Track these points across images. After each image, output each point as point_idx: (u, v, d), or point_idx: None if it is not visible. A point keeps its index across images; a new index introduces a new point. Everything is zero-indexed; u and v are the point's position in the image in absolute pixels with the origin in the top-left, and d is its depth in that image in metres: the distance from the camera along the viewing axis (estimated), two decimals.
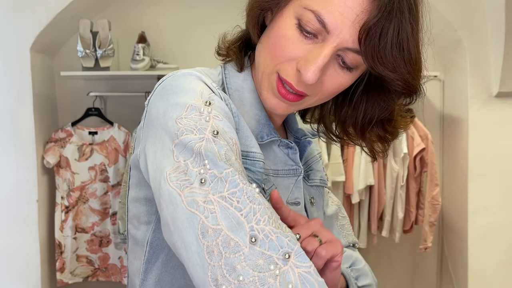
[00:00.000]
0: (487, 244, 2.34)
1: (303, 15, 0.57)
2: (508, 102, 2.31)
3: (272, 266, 0.47)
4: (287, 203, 0.68)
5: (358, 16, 0.55)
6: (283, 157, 0.68)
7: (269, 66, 0.61)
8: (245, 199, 0.51)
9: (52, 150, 2.30)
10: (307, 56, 0.58)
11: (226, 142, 0.55)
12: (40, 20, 2.18)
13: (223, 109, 0.59)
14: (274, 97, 0.62)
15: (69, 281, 2.37)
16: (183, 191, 0.51)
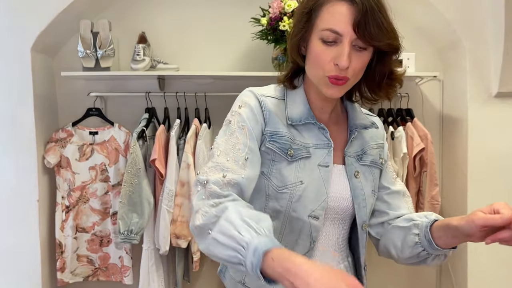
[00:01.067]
0: None
1: (323, 34, 0.93)
2: (507, 102, 2.32)
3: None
4: (319, 165, 0.99)
5: (350, 20, 0.90)
6: (319, 135, 1.02)
7: (319, 73, 0.97)
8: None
9: (53, 150, 2.31)
10: (337, 54, 0.92)
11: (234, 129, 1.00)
12: (41, 21, 2.18)
13: (251, 109, 1.02)
14: (330, 88, 0.97)
15: (70, 281, 2.37)
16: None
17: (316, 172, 0.98)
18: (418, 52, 2.46)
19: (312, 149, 1.00)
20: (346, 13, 0.90)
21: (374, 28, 0.90)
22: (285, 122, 1.00)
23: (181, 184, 2.20)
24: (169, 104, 2.38)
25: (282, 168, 0.97)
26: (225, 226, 0.79)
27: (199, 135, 2.24)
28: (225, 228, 0.79)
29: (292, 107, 1.02)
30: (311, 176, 0.97)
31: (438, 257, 1.04)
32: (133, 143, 2.15)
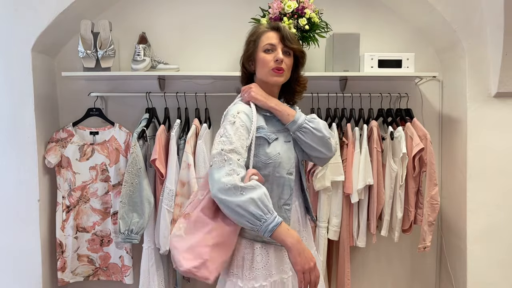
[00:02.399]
0: (486, 244, 2.35)
1: (264, 48, 1.56)
2: (506, 102, 2.32)
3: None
4: (284, 142, 1.56)
5: (278, 37, 1.56)
6: (276, 123, 1.59)
7: (265, 70, 1.56)
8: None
9: (53, 150, 2.32)
10: (275, 55, 1.54)
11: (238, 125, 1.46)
12: (42, 21, 2.19)
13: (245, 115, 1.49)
14: (274, 76, 1.55)
15: (70, 280, 2.38)
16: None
17: (284, 146, 1.55)
18: (417, 53, 2.47)
19: (277, 132, 1.56)
20: (275, 35, 1.56)
21: (289, 41, 1.55)
22: (262, 117, 1.56)
23: (182, 184, 2.20)
24: (169, 104, 2.39)
25: (266, 148, 1.51)
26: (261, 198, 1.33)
27: (199, 135, 2.25)
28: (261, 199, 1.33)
29: (258, 109, 1.57)
30: (282, 148, 1.54)
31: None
32: (134, 143, 2.16)
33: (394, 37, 2.58)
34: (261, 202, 1.32)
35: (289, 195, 1.52)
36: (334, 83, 2.56)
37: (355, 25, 2.54)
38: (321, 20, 2.31)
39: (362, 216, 2.36)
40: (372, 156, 2.32)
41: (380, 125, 2.46)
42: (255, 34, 1.59)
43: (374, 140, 2.32)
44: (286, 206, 1.52)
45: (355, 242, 2.39)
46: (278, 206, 1.50)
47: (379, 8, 2.57)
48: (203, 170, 2.23)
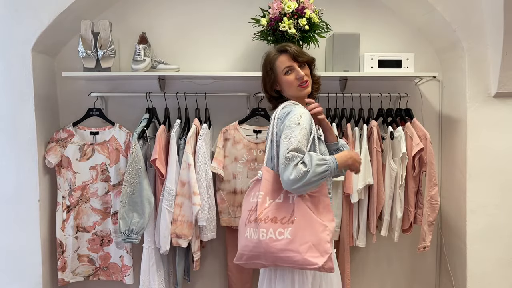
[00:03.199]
0: (486, 243, 2.35)
1: (284, 71, 1.79)
2: (506, 102, 2.33)
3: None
4: (323, 142, 1.81)
5: (290, 58, 1.79)
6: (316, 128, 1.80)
7: (293, 88, 1.79)
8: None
9: (54, 150, 2.32)
10: (295, 74, 1.78)
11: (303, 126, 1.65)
12: (42, 21, 2.19)
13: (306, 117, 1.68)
14: (303, 90, 1.79)
15: (70, 280, 2.38)
16: None
17: (323, 146, 1.79)
18: (417, 53, 2.47)
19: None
20: (286, 57, 1.78)
21: (300, 56, 1.77)
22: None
23: (182, 183, 2.20)
24: (169, 104, 2.39)
25: (320, 146, 1.75)
26: (317, 157, 1.58)
27: (200, 135, 2.25)
28: (318, 157, 1.58)
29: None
30: (324, 148, 1.78)
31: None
32: (134, 143, 2.16)
33: (394, 37, 2.59)
34: (318, 160, 1.56)
35: (330, 185, 1.78)
36: (334, 83, 2.56)
37: (355, 25, 2.55)
38: (321, 20, 2.31)
39: (362, 216, 2.36)
40: (372, 156, 2.32)
41: (380, 125, 2.47)
42: (269, 63, 1.81)
43: (374, 140, 2.32)
44: (329, 194, 1.73)
45: (355, 242, 2.39)
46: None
47: (379, 8, 2.57)
48: (203, 170, 2.23)
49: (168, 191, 2.19)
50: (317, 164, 1.54)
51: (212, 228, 2.28)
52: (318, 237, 1.56)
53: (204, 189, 2.22)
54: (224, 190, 2.35)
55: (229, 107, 2.54)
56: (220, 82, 2.52)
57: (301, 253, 1.54)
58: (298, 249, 1.55)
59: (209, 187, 2.26)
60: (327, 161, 1.58)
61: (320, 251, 1.55)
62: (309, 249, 1.55)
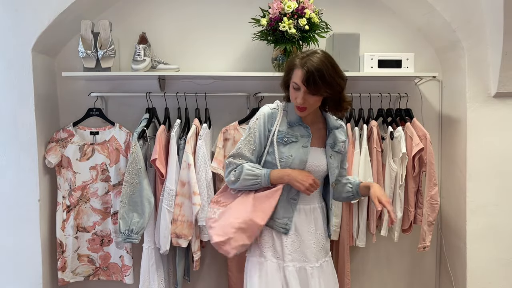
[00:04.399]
0: (486, 243, 2.35)
1: (292, 84, 1.65)
2: (506, 102, 2.33)
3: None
4: (302, 147, 1.71)
5: (302, 79, 1.61)
6: (303, 130, 1.73)
7: (293, 103, 1.70)
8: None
9: (54, 150, 2.32)
10: (298, 96, 1.65)
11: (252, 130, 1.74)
12: (42, 21, 2.19)
13: (263, 120, 1.73)
14: (298, 111, 1.69)
15: (70, 280, 2.38)
16: None
17: (301, 150, 1.71)
18: (417, 53, 2.47)
19: (299, 137, 1.72)
20: (301, 75, 1.60)
21: (314, 85, 1.59)
22: (287, 124, 1.73)
23: (182, 183, 2.21)
24: (169, 104, 2.39)
25: (280, 148, 1.70)
26: (247, 172, 1.68)
27: (200, 135, 2.25)
28: (247, 173, 1.68)
29: (289, 117, 1.75)
30: (297, 152, 1.70)
31: (355, 198, 1.88)
32: (134, 143, 2.16)
33: (394, 37, 2.59)
34: (246, 175, 1.68)
35: (296, 191, 1.72)
36: None
37: (355, 25, 2.55)
38: (321, 20, 2.31)
39: (362, 216, 2.36)
40: (372, 156, 2.32)
41: (380, 125, 2.47)
42: (290, 66, 1.67)
43: (374, 140, 2.32)
44: (292, 200, 1.73)
45: (355, 242, 2.39)
46: (287, 199, 1.72)
47: (379, 8, 2.57)
48: (203, 170, 2.23)
49: (168, 191, 2.19)
50: (245, 179, 1.68)
51: None
52: (229, 221, 1.66)
53: (204, 189, 2.23)
54: None
55: (229, 107, 2.54)
56: (220, 82, 2.52)
57: (211, 229, 1.70)
58: (211, 226, 1.71)
59: (209, 187, 2.26)
60: (258, 176, 1.67)
61: (223, 231, 1.65)
62: (217, 227, 1.68)
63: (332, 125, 1.80)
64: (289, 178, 1.66)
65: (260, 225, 1.66)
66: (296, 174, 1.67)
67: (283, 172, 1.67)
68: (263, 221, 1.66)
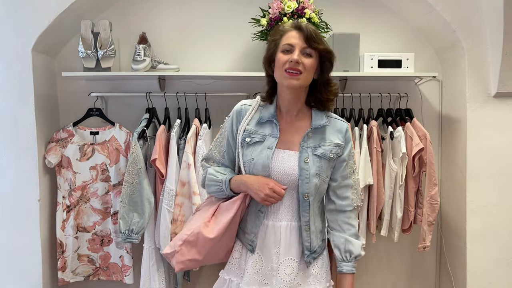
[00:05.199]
0: (486, 243, 2.35)
1: (283, 47, 1.44)
2: (506, 102, 2.33)
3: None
4: (267, 148, 1.47)
5: (300, 36, 1.43)
6: (273, 129, 1.50)
7: (280, 71, 1.44)
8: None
9: (54, 150, 2.32)
10: (291, 56, 1.41)
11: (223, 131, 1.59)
12: (42, 21, 2.19)
13: (231, 118, 1.58)
14: (288, 79, 1.42)
15: (71, 280, 2.38)
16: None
17: (264, 152, 1.46)
18: (417, 53, 2.47)
19: (268, 136, 1.49)
20: (296, 34, 1.43)
21: (313, 40, 1.41)
22: (256, 121, 1.52)
23: (182, 183, 2.21)
24: (169, 104, 2.39)
25: (244, 150, 1.50)
26: (208, 177, 1.54)
27: (200, 135, 2.25)
28: (209, 178, 1.54)
29: (263, 112, 1.53)
30: (259, 155, 1.47)
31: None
32: (134, 143, 2.16)
33: (394, 37, 2.59)
34: (208, 181, 1.55)
35: (260, 205, 1.49)
36: None
37: (355, 25, 2.55)
38: (321, 20, 2.31)
39: (362, 216, 2.36)
40: (372, 156, 2.32)
41: (380, 125, 2.47)
42: (277, 33, 1.48)
43: (374, 140, 2.32)
44: (260, 213, 1.49)
45: None
46: (255, 211, 1.50)
47: (379, 8, 2.57)
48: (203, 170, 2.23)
49: (168, 191, 2.19)
50: (208, 185, 1.55)
51: None
52: (180, 233, 1.52)
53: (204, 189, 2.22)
54: None
55: (229, 107, 2.52)
56: (220, 82, 2.52)
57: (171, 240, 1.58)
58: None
59: None
60: (219, 183, 1.50)
61: (173, 243, 1.50)
62: (173, 239, 1.54)
63: (316, 122, 1.50)
64: (245, 187, 1.44)
65: (209, 238, 1.45)
66: (253, 181, 1.43)
67: (240, 179, 1.47)
68: (213, 234, 1.45)
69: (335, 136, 1.51)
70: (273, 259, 1.49)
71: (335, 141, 1.50)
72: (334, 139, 1.50)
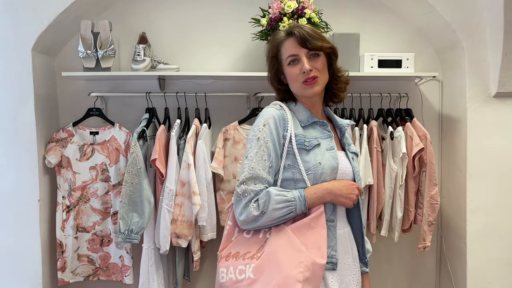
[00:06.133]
0: (486, 243, 2.35)
1: (288, 60, 1.41)
2: (506, 102, 2.33)
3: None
4: (327, 149, 1.39)
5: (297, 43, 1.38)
6: (321, 129, 1.43)
7: (297, 85, 1.41)
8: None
9: (54, 150, 2.32)
10: (301, 66, 1.38)
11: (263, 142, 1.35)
12: (42, 21, 2.19)
13: (274, 124, 1.37)
14: (307, 89, 1.40)
15: (70, 280, 2.38)
16: None
17: (326, 154, 1.38)
18: (417, 53, 2.47)
19: (319, 138, 1.40)
20: (293, 42, 1.39)
21: (311, 41, 1.36)
22: (299, 124, 1.42)
23: (182, 183, 2.20)
24: (169, 104, 2.39)
25: (303, 157, 1.35)
26: (277, 199, 1.28)
27: (200, 135, 2.25)
28: (277, 199, 1.28)
29: (299, 115, 1.44)
30: (324, 157, 1.37)
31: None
32: (134, 143, 2.16)
33: (394, 37, 2.59)
34: (277, 204, 1.27)
35: (331, 210, 1.38)
36: None
37: (355, 25, 2.55)
38: (321, 20, 2.31)
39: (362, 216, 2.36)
40: (372, 156, 2.32)
41: (380, 125, 2.47)
42: (273, 49, 1.44)
43: (374, 140, 2.32)
44: (330, 222, 1.36)
45: None
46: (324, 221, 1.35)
47: (379, 8, 2.57)
48: (203, 170, 2.23)
49: (168, 191, 2.19)
50: (275, 209, 1.27)
51: (212, 228, 2.28)
52: (285, 274, 1.21)
53: (204, 189, 2.22)
54: (224, 190, 2.34)
55: (229, 107, 2.54)
56: (220, 82, 2.52)
57: None
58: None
59: (209, 187, 2.26)
60: (292, 202, 1.28)
61: None
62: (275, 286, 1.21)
63: (340, 122, 1.53)
64: (332, 195, 1.31)
65: (322, 265, 1.26)
66: (341, 186, 1.34)
67: (321, 189, 1.31)
68: (324, 258, 1.26)
69: (349, 135, 1.58)
70: (346, 271, 1.39)
71: (350, 139, 1.56)
72: (349, 136, 1.56)
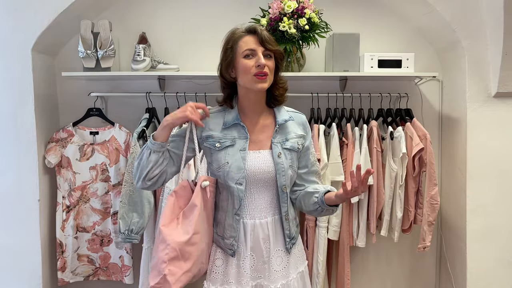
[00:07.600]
0: (486, 243, 2.35)
1: (244, 53, 1.48)
2: (506, 102, 2.33)
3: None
4: (240, 150, 1.51)
5: (257, 41, 1.48)
6: (241, 131, 1.53)
7: (248, 77, 1.48)
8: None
9: (54, 150, 2.32)
10: (256, 60, 1.47)
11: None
12: (42, 21, 2.19)
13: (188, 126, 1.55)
14: (258, 83, 1.47)
15: (70, 280, 2.38)
16: None
17: (237, 155, 1.51)
18: (417, 53, 2.47)
19: (237, 139, 1.53)
20: (252, 39, 1.49)
21: (269, 43, 1.48)
22: (221, 126, 1.54)
23: None
24: (169, 104, 2.39)
25: (216, 156, 1.52)
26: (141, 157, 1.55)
27: None
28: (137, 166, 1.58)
29: (227, 116, 1.56)
30: (233, 157, 1.50)
31: (327, 210, 1.55)
32: (134, 143, 2.16)
33: (394, 37, 2.59)
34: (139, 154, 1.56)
35: (239, 205, 1.52)
36: (334, 83, 2.56)
37: (355, 25, 2.55)
38: (321, 20, 2.31)
39: (362, 216, 2.36)
40: (372, 156, 2.32)
41: (380, 125, 2.47)
42: (231, 40, 1.51)
43: (374, 140, 2.32)
44: (237, 216, 1.52)
45: (355, 242, 2.39)
46: (232, 215, 1.52)
47: (379, 8, 2.57)
48: (203, 170, 2.23)
49: (168, 191, 2.19)
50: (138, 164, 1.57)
51: None
52: (157, 256, 1.48)
53: None
54: None
55: None
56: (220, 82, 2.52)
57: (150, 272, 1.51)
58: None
59: None
60: (143, 148, 1.54)
61: (157, 270, 1.45)
62: (152, 268, 1.49)
63: (280, 118, 1.58)
64: (169, 118, 1.47)
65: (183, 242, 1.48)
66: (174, 112, 1.50)
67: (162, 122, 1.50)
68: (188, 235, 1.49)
69: (298, 128, 1.61)
70: (264, 254, 1.56)
71: (299, 132, 1.60)
72: (297, 131, 1.60)
